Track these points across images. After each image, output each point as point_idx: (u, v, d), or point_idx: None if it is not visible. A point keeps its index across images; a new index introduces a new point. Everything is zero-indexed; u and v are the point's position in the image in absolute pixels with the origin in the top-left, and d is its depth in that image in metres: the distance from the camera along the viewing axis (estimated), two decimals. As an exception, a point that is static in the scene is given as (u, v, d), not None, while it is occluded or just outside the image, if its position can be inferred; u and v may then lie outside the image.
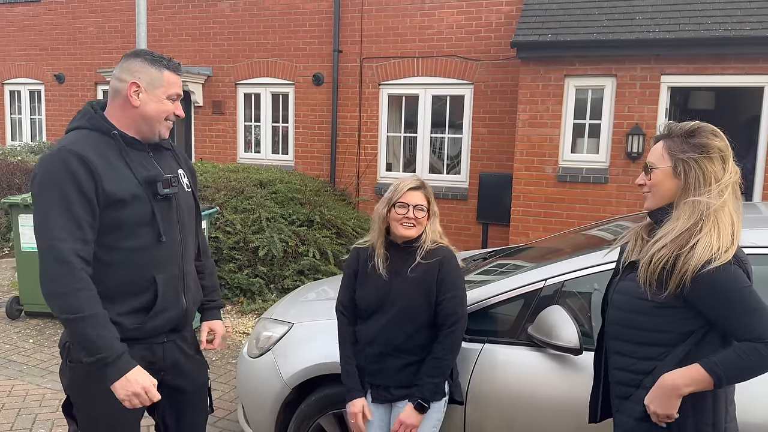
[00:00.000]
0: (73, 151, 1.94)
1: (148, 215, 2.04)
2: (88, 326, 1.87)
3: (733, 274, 1.74)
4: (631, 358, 1.92)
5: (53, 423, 3.92)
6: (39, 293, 6.01)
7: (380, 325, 2.50)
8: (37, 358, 5.02)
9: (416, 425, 2.46)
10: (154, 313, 2.07)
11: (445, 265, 2.49)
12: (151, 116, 2.08)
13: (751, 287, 1.75)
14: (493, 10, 8.10)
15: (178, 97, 2.13)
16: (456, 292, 2.49)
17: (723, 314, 1.75)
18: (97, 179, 1.94)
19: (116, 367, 1.89)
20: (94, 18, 10.48)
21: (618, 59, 6.82)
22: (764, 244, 2.46)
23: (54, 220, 1.90)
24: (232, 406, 4.21)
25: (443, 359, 2.46)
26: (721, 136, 1.88)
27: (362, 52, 8.79)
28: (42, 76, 11.06)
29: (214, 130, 9.77)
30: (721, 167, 1.83)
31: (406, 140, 8.98)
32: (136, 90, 2.05)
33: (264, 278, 6.44)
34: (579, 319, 2.59)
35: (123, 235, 2.01)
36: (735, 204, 1.83)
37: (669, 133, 1.92)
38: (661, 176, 1.89)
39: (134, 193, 2.01)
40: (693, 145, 1.85)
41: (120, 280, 2.02)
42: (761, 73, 6.42)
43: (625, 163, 6.91)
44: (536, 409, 2.54)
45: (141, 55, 2.10)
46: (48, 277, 1.90)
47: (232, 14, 9.50)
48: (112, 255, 2.00)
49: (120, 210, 1.98)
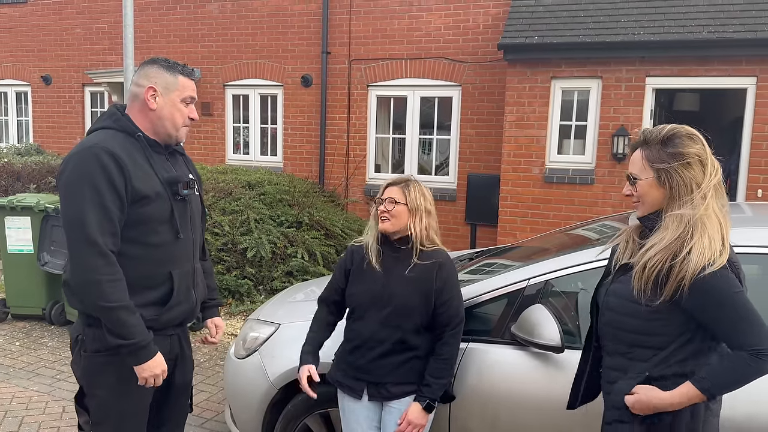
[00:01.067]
0: (105, 147, 2.06)
1: (167, 213, 2.19)
2: (125, 314, 2.04)
3: (727, 278, 1.77)
4: (624, 359, 1.95)
5: (40, 425, 3.90)
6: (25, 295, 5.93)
7: (376, 323, 2.50)
8: (23, 360, 5.00)
9: (424, 425, 2.49)
10: (170, 306, 2.21)
11: (443, 269, 2.50)
12: (166, 118, 2.21)
13: (742, 292, 1.78)
14: (480, 12, 8.16)
15: (192, 101, 2.27)
16: (455, 294, 2.52)
17: (715, 318, 1.78)
18: (126, 175, 2.06)
19: (148, 350, 2.09)
20: (82, 19, 10.43)
21: (603, 61, 6.89)
22: (747, 244, 2.50)
23: (89, 214, 2.02)
24: (220, 407, 4.22)
25: (450, 360, 2.49)
26: (696, 139, 1.89)
27: (351, 53, 8.81)
28: (29, 77, 10.99)
29: (203, 131, 9.75)
30: (701, 171, 1.84)
31: (394, 141, 9.01)
32: (153, 94, 2.19)
33: (252, 280, 6.44)
34: (562, 317, 2.63)
35: (146, 230, 2.14)
36: (720, 205, 1.84)
37: (645, 141, 1.93)
38: (646, 187, 1.90)
39: (158, 191, 2.15)
40: (670, 154, 1.86)
41: (140, 273, 2.14)
42: (744, 75, 6.51)
43: (610, 164, 6.98)
44: (519, 407, 2.57)
45: (157, 62, 2.24)
46: (87, 267, 2.03)
47: (220, 15, 9.50)
48: (134, 249, 2.13)
49: (145, 206, 2.12)
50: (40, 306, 5.81)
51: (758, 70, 6.43)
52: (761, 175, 6.54)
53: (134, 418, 2.22)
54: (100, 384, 2.17)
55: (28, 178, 8.66)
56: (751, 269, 2.81)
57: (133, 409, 2.21)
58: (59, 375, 4.72)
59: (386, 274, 2.52)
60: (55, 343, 5.43)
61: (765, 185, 6.53)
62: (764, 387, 2.03)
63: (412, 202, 2.52)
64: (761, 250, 2.52)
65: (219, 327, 2.60)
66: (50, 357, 5.09)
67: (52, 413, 4.09)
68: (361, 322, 2.56)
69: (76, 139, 10.23)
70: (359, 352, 2.54)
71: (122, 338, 2.05)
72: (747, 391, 1.88)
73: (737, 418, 2.25)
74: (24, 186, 8.56)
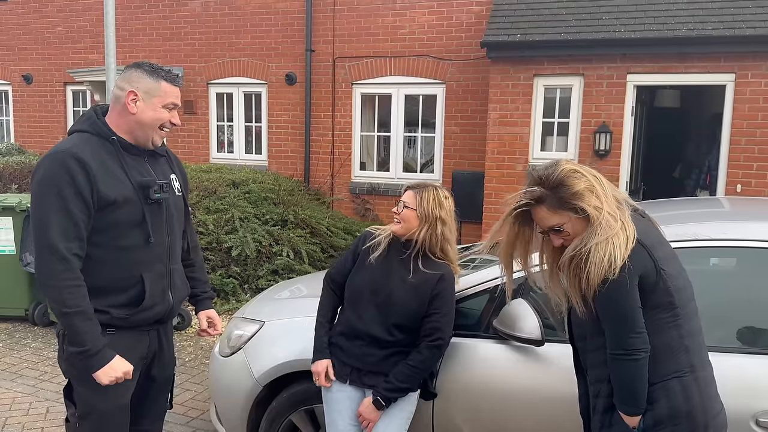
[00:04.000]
0: (72, 153, 2.08)
1: (138, 217, 2.19)
2: (78, 320, 2.06)
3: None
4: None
5: (23, 426, 3.88)
6: (8, 296, 5.90)
7: (369, 316, 2.54)
8: (6, 362, 4.96)
9: (374, 420, 2.52)
10: (143, 308, 2.23)
11: (444, 281, 2.52)
12: (146, 123, 2.22)
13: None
14: (463, 10, 8.19)
15: (174, 107, 2.28)
16: (447, 311, 2.52)
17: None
18: (92, 181, 2.08)
19: (100, 356, 2.10)
20: (63, 17, 10.33)
21: (585, 58, 6.96)
22: (725, 237, 2.55)
23: (53, 219, 2.05)
24: (205, 405, 4.22)
25: (417, 369, 2.50)
26: (581, 173, 1.94)
27: (335, 51, 8.81)
28: (9, 76, 10.86)
29: (186, 130, 9.70)
30: (596, 197, 1.90)
31: (380, 139, 9.03)
32: (134, 98, 2.20)
33: (238, 278, 6.43)
34: (543, 311, 2.66)
35: (115, 234, 2.16)
36: (620, 211, 1.91)
37: (541, 198, 1.95)
38: (575, 226, 1.94)
39: (126, 196, 2.16)
40: (564, 199, 1.91)
41: (110, 275, 2.17)
42: (723, 72, 6.60)
43: (592, 161, 7.04)
44: (502, 400, 2.60)
45: (141, 66, 2.25)
46: (46, 272, 2.07)
47: (203, 14, 9.45)
48: (103, 252, 2.15)
49: (113, 211, 2.13)
50: (23, 307, 5.76)
51: (737, 67, 6.52)
52: (740, 171, 6.64)
53: (114, 414, 2.24)
54: (80, 380, 2.21)
55: (9, 178, 8.56)
56: (729, 262, 2.88)
57: (111, 406, 2.22)
58: (42, 376, 4.69)
59: (389, 273, 2.56)
60: (38, 344, 5.39)
61: (744, 180, 6.64)
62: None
63: (422, 209, 2.52)
64: (738, 243, 2.56)
65: (214, 319, 2.63)
66: (33, 358, 5.06)
67: (36, 414, 4.06)
68: (354, 311, 2.60)
69: (57, 138, 10.11)
70: (349, 340, 2.59)
71: (74, 345, 2.09)
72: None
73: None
74: (5, 186, 8.46)
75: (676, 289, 1.93)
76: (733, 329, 2.51)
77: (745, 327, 2.54)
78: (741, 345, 2.51)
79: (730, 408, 2.07)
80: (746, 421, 2.23)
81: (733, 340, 2.50)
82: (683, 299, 1.95)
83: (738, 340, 2.52)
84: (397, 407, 2.56)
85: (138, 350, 2.29)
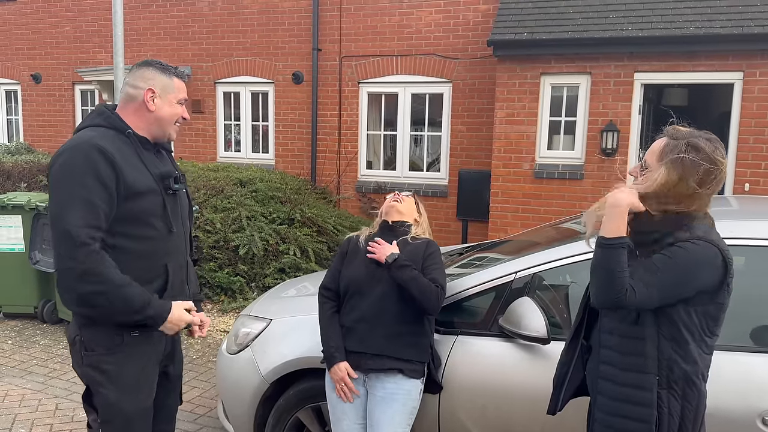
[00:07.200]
0: (95, 144, 2.08)
1: (160, 208, 2.22)
2: (128, 291, 2.06)
3: None
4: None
5: (33, 423, 3.92)
6: (17, 294, 5.93)
7: (371, 298, 2.60)
8: (16, 359, 5.00)
9: (383, 251, 2.63)
10: (165, 298, 2.22)
11: (431, 246, 2.75)
12: (164, 119, 2.27)
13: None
14: (470, 8, 8.18)
15: (185, 102, 2.34)
16: (440, 266, 2.68)
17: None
18: (118, 171, 2.09)
19: (160, 310, 2.14)
20: (71, 17, 10.39)
21: (592, 57, 6.94)
22: (734, 236, 2.53)
23: (72, 207, 2.03)
24: (213, 402, 4.24)
25: (419, 281, 2.55)
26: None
27: (341, 50, 8.82)
28: (18, 75, 10.94)
29: (194, 129, 9.74)
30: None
31: (386, 138, 9.03)
32: (152, 96, 2.24)
33: (245, 277, 6.46)
34: (549, 310, 2.67)
35: (141, 224, 2.17)
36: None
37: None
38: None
39: (150, 186, 2.18)
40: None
41: (137, 266, 2.16)
42: (731, 70, 6.57)
43: (599, 160, 7.03)
44: (507, 398, 2.61)
45: (152, 64, 2.29)
46: (68, 258, 2.02)
47: (210, 13, 9.48)
48: (130, 243, 2.15)
49: (138, 201, 2.15)
50: (32, 304, 5.81)
51: (744, 65, 6.49)
52: (748, 170, 6.61)
53: (139, 416, 2.22)
54: (104, 383, 2.17)
55: (18, 176, 8.62)
56: (737, 261, 2.87)
57: (140, 405, 2.22)
58: (52, 373, 4.73)
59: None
60: (47, 341, 5.43)
61: (752, 179, 6.60)
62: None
63: (417, 205, 2.93)
64: (747, 242, 2.56)
65: (204, 322, 2.59)
66: (42, 355, 5.10)
67: (45, 410, 4.10)
68: (356, 298, 2.65)
69: (66, 137, 10.17)
70: (351, 328, 2.63)
71: (136, 314, 2.09)
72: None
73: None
74: (14, 185, 8.52)
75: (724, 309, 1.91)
76: (741, 328, 2.50)
77: (753, 326, 2.54)
78: (749, 344, 2.50)
79: (737, 407, 2.06)
80: (753, 420, 2.23)
81: (741, 339, 2.49)
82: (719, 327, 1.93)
83: (746, 339, 2.51)
84: (400, 402, 2.57)
85: (159, 350, 2.30)
